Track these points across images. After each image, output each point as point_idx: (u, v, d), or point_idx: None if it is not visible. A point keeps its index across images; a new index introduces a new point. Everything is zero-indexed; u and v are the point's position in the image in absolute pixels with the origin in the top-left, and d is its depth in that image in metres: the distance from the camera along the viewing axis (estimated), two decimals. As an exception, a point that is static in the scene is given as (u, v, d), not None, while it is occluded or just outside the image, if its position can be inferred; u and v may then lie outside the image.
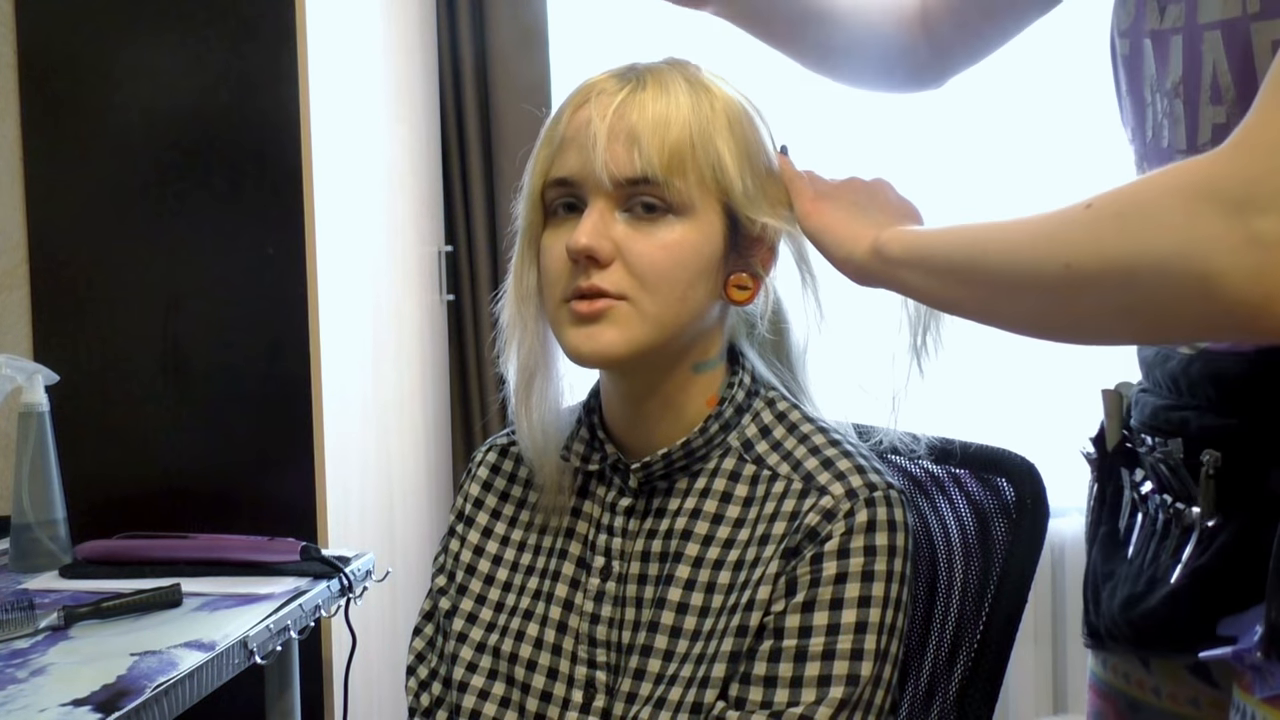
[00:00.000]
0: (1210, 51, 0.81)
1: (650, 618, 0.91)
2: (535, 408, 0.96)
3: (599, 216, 0.88)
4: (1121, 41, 0.93)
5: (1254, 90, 0.78)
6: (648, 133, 0.87)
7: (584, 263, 0.88)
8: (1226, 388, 0.85)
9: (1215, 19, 0.81)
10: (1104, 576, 0.99)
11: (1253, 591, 0.82)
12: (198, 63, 1.83)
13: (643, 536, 0.94)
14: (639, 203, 0.88)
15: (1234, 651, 0.82)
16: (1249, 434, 0.83)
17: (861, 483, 0.87)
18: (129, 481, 1.87)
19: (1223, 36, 0.80)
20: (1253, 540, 0.83)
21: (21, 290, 1.92)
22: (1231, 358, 0.85)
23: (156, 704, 1.16)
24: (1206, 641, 0.85)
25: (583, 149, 0.89)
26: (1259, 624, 0.80)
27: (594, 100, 0.90)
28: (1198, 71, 0.83)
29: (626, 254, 0.88)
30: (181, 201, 1.85)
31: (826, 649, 0.83)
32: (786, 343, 1.00)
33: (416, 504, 2.26)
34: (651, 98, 0.89)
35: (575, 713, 0.93)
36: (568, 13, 2.53)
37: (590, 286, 0.87)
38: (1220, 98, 0.81)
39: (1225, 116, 0.82)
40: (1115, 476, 1.00)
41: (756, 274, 0.93)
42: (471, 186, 2.50)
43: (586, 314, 0.88)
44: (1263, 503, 0.82)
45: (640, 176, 0.87)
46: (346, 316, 1.93)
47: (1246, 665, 0.82)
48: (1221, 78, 0.81)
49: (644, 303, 0.88)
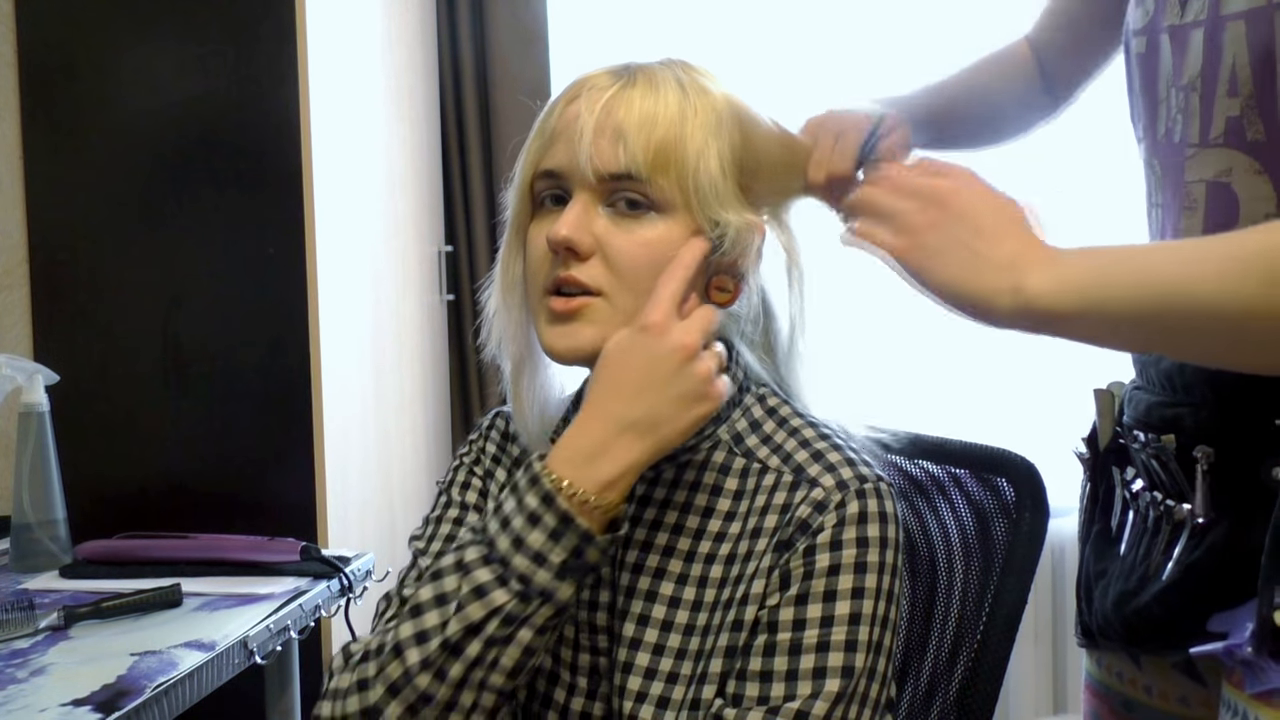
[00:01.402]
0: (1232, 43, 0.82)
1: (641, 610, 0.91)
2: (527, 391, 0.98)
3: (582, 210, 0.89)
4: (1137, 40, 0.93)
5: (1272, 81, 0.79)
6: (633, 129, 0.88)
7: (563, 254, 0.89)
8: (1221, 385, 0.85)
9: (1239, 9, 0.81)
10: (1096, 575, 0.99)
11: (1244, 588, 0.82)
12: (198, 63, 1.83)
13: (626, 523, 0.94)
14: (622, 199, 0.89)
15: (1225, 647, 0.82)
16: (1242, 430, 0.84)
17: (852, 474, 0.87)
18: (129, 481, 1.87)
19: (1246, 26, 0.80)
20: (1244, 536, 0.83)
21: (21, 290, 1.92)
22: None
23: (156, 704, 1.17)
24: (1198, 638, 0.86)
25: (570, 142, 0.89)
26: (1250, 620, 0.81)
27: (584, 95, 0.91)
28: (1217, 64, 0.83)
29: (606, 248, 0.89)
30: (181, 201, 1.85)
31: (821, 641, 0.84)
32: (775, 341, 1.00)
33: (416, 504, 2.26)
34: (640, 95, 0.89)
35: (581, 698, 0.93)
36: (568, 13, 2.53)
37: (568, 278, 0.89)
38: (1237, 90, 0.82)
39: (1240, 109, 0.82)
40: (1107, 475, 1.00)
41: (739, 276, 0.93)
42: (471, 186, 2.51)
43: (562, 312, 0.89)
44: (1255, 499, 0.82)
45: (624, 172, 0.88)
46: (346, 316, 1.93)
47: (1237, 661, 0.82)
48: (1240, 70, 0.81)
49: (620, 299, 0.88)
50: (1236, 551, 0.83)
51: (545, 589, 0.82)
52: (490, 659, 0.82)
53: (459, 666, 0.82)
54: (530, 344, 0.96)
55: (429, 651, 0.83)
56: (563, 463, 0.84)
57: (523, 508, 0.83)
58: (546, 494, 0.83)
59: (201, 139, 1.84)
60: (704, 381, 0.86)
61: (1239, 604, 0.83)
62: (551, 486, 0.83)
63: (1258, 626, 0.80)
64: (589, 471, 0.84)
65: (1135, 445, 0.94)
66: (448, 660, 0.82)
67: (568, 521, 0.82)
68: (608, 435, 0.84)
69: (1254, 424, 0.83)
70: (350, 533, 1.90)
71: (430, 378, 2.39)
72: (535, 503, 0.83)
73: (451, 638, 0.82)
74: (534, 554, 0.82)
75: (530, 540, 0.82)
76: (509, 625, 0.82)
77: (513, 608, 0.82)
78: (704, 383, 0.86)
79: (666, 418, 0.85)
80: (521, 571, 0.82)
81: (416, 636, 0.83)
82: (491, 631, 0.82)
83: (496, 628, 0.82)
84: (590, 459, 0.84)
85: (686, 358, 0.85)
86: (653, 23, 2.51)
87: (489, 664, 0.82)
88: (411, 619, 0.84)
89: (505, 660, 0.83)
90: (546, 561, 0.82)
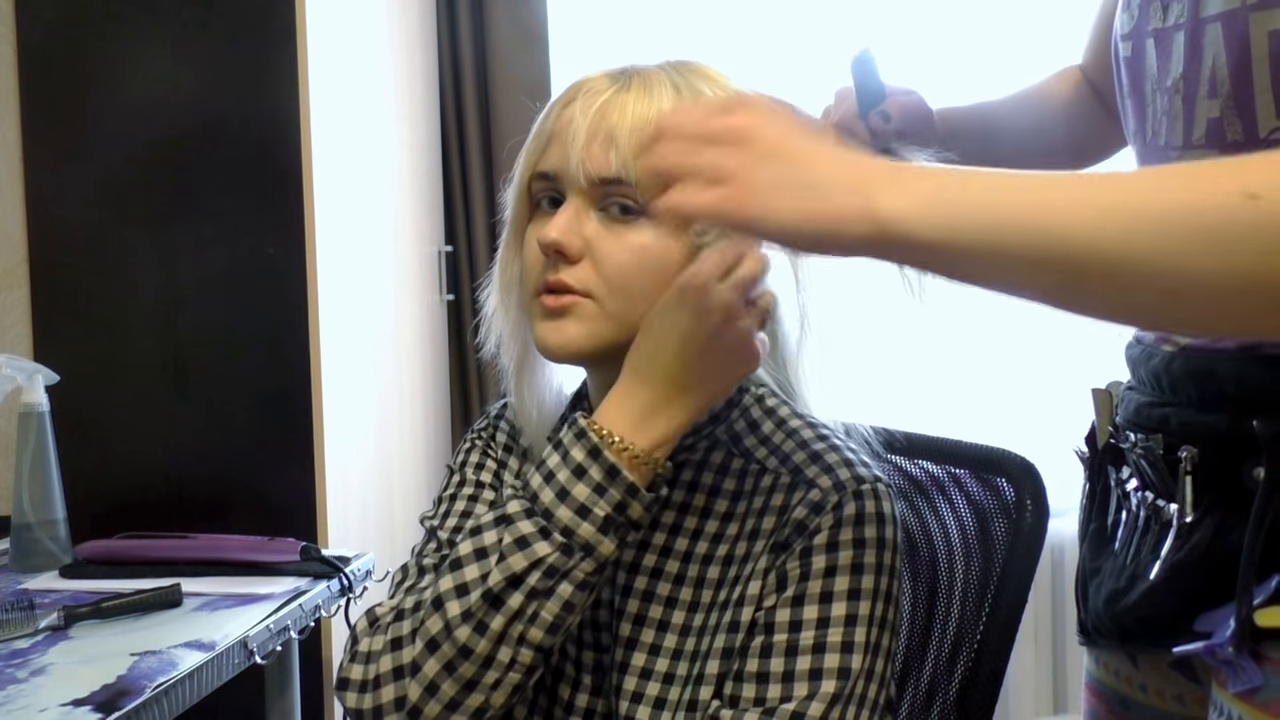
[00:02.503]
0: (1211, 45, 0.82)
1: (639, 610, 0.91)
2: (528, 390, 0.99)
3: (574, 213, 0.89)
4: (1124, 45, 0.93)
5: (1248, 82, 0.79)
6: (625, 134, 0.88)
7: (553, 257, 0.89)
8: (1206, 385, 0.86)
9: (1216, 11, 0.81)
10: (1091, 573, 0.99)
11: (1228, 587, 0.82)
12: (198, 63, 1.83)
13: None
14: (614, 203, 0.89)
15: (1206, 646, 0.83)
16: (1226, 431, 0.84)
17: (849, 475, 0.87)
18: (129, 481, 1.87)
19: (1222, 28, 0.80)
20: (1228, 536, 0.83)
21: (21, 290, 1.92)
22: (1212, 355, 0.85)
23: (156, 704, 1.16)
24: (1184, 637, 0.86)
25: (564, 145, 0.90)
26: (1232, 619, 0.81)
27: (580, 98, 0.91)
28: (1198, 66, 0.83)
29: (595, 252, 0.89)
30: (181, 201, 1.85)
31: (817, 642, 0.84)
32: (781, 342, 1.00)
33: (416, 504, 2.26)
34: (634, 99, 0.89)
35: (586, 694, 0.94)
36: (568, 13, 2.53)
37: (557, 281, 0.89)
38: (1216, 91, 0.82)
39: (1219, 110, 0.82)
40: (1104, 474, 1.01)
41: None
42: (471, 186, 2.51)
43: (553, 308, 0.89)
44: (1238, 499, 0.83)
45: (615, 177, 0.88)
46: (346, 316, 1.93)
47: (1220, 660, 0.83)
48: (1219, 71, 0.81)
49: (608, 302, 0.89)
50: (1220, 551, 0.84)
51: (588, 542, 0.83)
52: (531, 612, 0.83)
53: (500, 619, 0.83)
54: (527, 344, 0.97)
55: (470, 603, 0.83)
56: (613, 420, 0.85)
57: (568, 461, 0.84)
58: (594, 447, 0.84)
59: (202, 139, 1.84)
60: (744, 342, 0.86)
61: (1224, 603, 0.83)
62: (600, 440, 0.84)
63: (1237, 626, 0.80)
64: (642, 429, 0.85)
65: (1127, 445, 0.94)
66: (488, 612, 0.83)
67: (614, 475, 0.83)
68: (657, 396, 0.85)
69: (1235, 424, 0.83)
70: (350, 533, 1.90)
71: (430, 378, 2.39)
72: (582, 455, 0.84)
73: (494, 588, 0.83)
74: (579, 506, 0.83)
75: (575, 492, 0.83)
76: (551, 578, 0.83)
77: (555, 560, 0.83)
78: (744, 343, 0.86)
79: (709, 376, 0.86)
80: (565, 524, 0.83)
81: (457, 589, 0.84)
82: (533, 583, 0.83)
83: (539, 580, 0.83)
84: (642, 418, 0.85)
85: (729, 317, 0.85)
86: (653, 23, 2.51)
87: (529, 617, 0.83)
88: (451, 572, 0.85)
89: (545, 614, 0.83)
90: (591, 514, 0.83)
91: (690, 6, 2.50)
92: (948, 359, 2.51)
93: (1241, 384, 0.83)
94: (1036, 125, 1.17)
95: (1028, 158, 1.15)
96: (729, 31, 2.47)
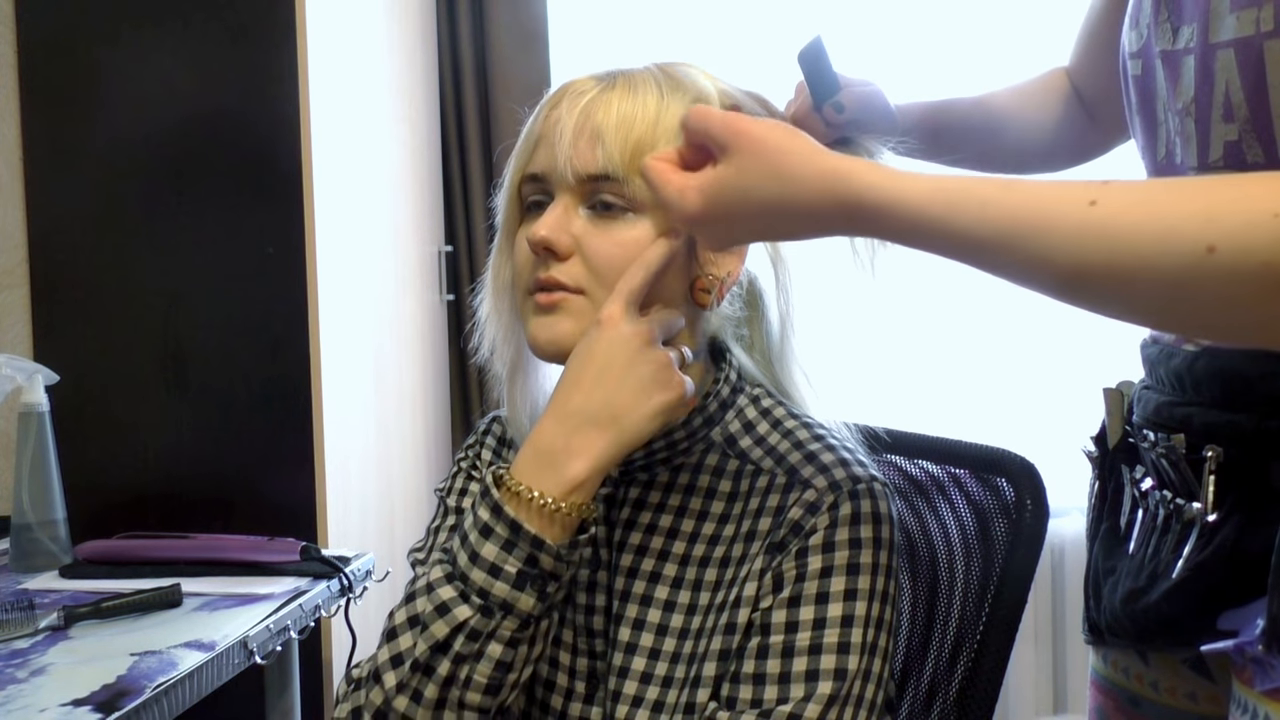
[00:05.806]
0: (1223, 70, 0.82)
1: (636, 614, 0.91)
2: (520, 395, 0.99)
3: (562, 211, 0.90)
4: (1133, 63, 0.93)
5: (1265, 108, 0.79)
6: (611, 131, 0.88)
7: (543, 255, 0.90)
8: (1230, 384, 0.86)
9: (1228, 38, 0.81)
10: (1105, 572, 0.99)
11: (1253, 585, 0.82)
12: (198, 63, 1.83)
13: (620, 527, 0.94)
14: (600, 199, 0.89)
15: (1235, 645, 0.83)
16: (1251, 430, 0.84)
17: (845, 475, 0.87)
18: (129, 481, 1.87)
19: (1236, 55, 0.80)
20: (1254, 535, 0.83)
21: (21, 290, 1.92)
22: (1235, 355, 0.85)
23: (156, 704, 1.16)
24: (1207, 635, 0.86)
25: (551, 145, 0.90)
26: (1260, 617, 0.81)
27: (566, 99, 0.92)
28: (1210, 90, 0.83)
29: (584, 249, 0.89)
30: (181, 201, 1.85)
31: (813, 643, 0.83)
32: (766, 341, 1.00)
33: (416, 504, 2.26)
34: (619, 97, 0.90)
35: (579, 703, 0.93)
36: (568, 13, 2.53)
37: (548, 278, 0.89)
38: (1233, 115, 0.82)
39: (1238, 134, 0.82)
40: (1116, 474, 1.01)
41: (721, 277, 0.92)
42: (471, 186, 2.51)
43: (544, 305, 0.90)
44: (1264, 498, 0.83)
45: (601, 173, 0.88)
46: (346, 316, 1.93)
47: (1247, 659, 0.83)
48: (1234, 95, 0.81)
49: (600, 298, 0.89)
50: (1245, 550, 0.84)
51: (505, 600, 0.82)
52: (463, 677, 0.82)
53: (433, 687, 0.82)
54: (521, 347, 0.97)
55: (403, 674, 0.83)
56: (525, 467, 0.84)
57: (476, 521, 0.83)
58: (495, 504, 0.83)
59: (202, 139, 1.84)
60: (662, 369, 0.85)
61: (1248, 602, 0.83)
62: (500, 497, 0.83)
63: (1268, 624, 0.80)
64: (551, 474, 0.83)
65: (1144, 445, 0.94)
66: (421, 680, 0.82)
67: (517, 530, 0.82)
68: (566, 432, 0.84)
69: (1261, 424, 0.83)
70: (350, 533, 1.90)
71: (430, 378, 2.39)
72: (486, 515, 0.83)
73: (420, 658, 0.82)
74: (489, 566, 0.82)
75: (484, 553, 0.82)
76: (475, 640, 0.82)
77: (476, 622, 0.82)
78: (662, 369, 0.85)
79: (626, 407, 0.84)
80: (480, 585, 0.82)
81: (392, 660, 0.84)
82: (458, 649, 0.82)
83: (462, 644, 0.82)
84: (551, 460, 0.83)
85: (641, 345, 0.84)
86: (653, 22, 2.51)
87: (463, 682, 0.82)
88: (388, 643, 0.85)
89: (478, 676, 0.82)
90: (503, 573, 0.82)
91: (690, 7, 2.50)
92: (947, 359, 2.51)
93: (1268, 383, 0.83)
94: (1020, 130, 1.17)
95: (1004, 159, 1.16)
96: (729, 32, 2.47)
